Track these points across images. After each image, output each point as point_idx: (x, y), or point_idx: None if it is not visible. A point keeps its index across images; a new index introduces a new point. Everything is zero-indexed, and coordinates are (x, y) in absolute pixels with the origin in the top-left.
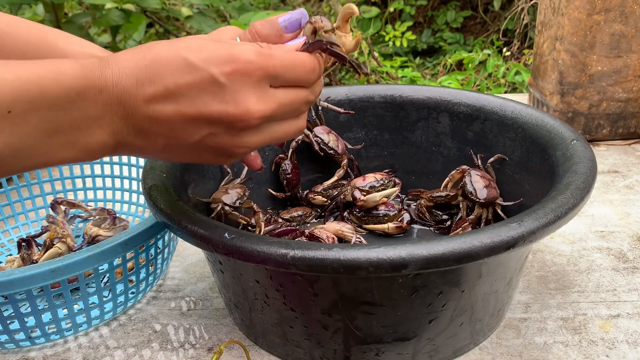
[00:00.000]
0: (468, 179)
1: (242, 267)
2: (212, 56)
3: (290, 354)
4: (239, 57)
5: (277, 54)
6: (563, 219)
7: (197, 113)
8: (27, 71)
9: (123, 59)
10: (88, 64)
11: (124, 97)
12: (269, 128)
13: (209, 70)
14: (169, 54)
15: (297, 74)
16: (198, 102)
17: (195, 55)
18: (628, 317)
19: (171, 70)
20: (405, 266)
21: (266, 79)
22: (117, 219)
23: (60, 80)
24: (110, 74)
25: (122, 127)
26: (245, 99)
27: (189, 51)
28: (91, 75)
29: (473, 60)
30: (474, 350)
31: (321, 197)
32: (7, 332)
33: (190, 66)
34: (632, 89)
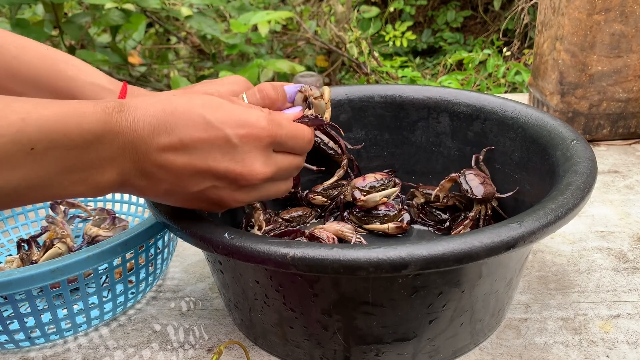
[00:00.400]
0: (462, 178)
1: (242, 267)
2: (228, 117)
3: (290, 354)
4: (253, 123)
5: (284, 124)
6: (563, 219)
7: (206, 167)
8: (53, 112)
9: (142, 107)
10: (109, 108)
11: (139, 142)
12: (264, 187)
13: (224, 130)
14: (188, 109)
15: (297, 143)
16: (209, 157)
17: (213, 115)
18: (628, 318)
19: (188, 124)
20: (405, 266)
21: (272, 145)
22: (117, 219)
23: (82, 123)
24: (129, 119)
25: (130, 169)
26: (253, 160)
27: (207, 109)
28: (111, 120)
29: (473, 60)
30: (474, 351)
31: (321, 197)
32: (6, 332)
33: (208, 124)
34: (632, 89)
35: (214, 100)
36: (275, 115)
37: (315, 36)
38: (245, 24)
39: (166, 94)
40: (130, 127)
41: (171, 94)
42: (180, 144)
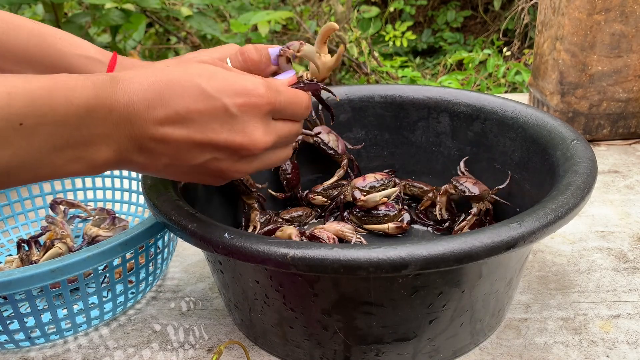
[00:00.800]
0: (456, 184)
1: (242, 267)
2: (225, 86)
3: (290, 354)
4: (251, 91)
5: (282, 90)
6: (563, 219)
7: (205, 139)
8: (39, 86)
9: (136, 80)
10: (99, 82)
11: (134, 117)
12: (265, 156)
13: (222, 99)
14: (183, 80)
15: (296, 109)
16: (207, 129)
17: (209, 84)
18: (628, 318)
19: (184, 95)
20: (405, 266)
21: (272, 112)
22: (117, 219)
23: (71, 97)
24: (122, 94)
25: (127, 145)
26: (253, 130)
27: (203, 79)
28: (102, 94)
29: (473, 60)
30: (474, 351)
31: (321, 197)
32: (6, 332)
33: (204, 94)
34: (633, 88)
35: (209, 69)
36: (272, 81)
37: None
38: (245, 24)
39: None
40: (124, 102)
41: (165, 64)
42: (177, 116)
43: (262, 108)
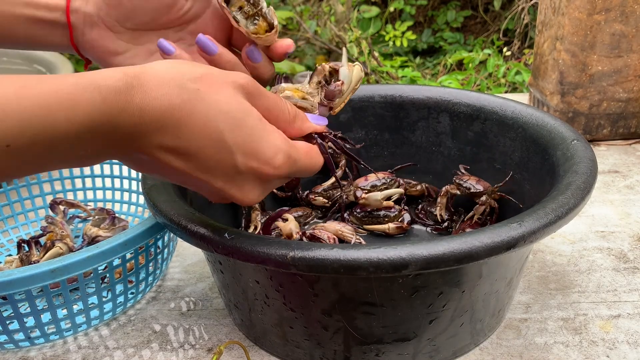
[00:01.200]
0: (459, 181)
1: (242, 267)
2: (244, 142)
3: (290, 355)
4: (267, 159)
5: (300, 161)
6: (564, 219)
7: (202, 178)
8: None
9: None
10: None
11: (139, 137)
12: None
13: (235, 155)
14: (207, 119)
15: (303, 174)
16: (209, 172)
17: (230, 135)
18: (629, 318)
19: (201, 136)
20: (405, 266)
21: (277, 181)
22: (117, 219)
23: (71, 117)
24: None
25: (122, 156)
26: (251, 190)
27: (227, 126)
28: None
29: (473, 60)
30: (474, 351)
31: (322, 199)
32: (6, 332)
33: (221, 143)
34: (633, 88)
35: (237, 115)
36: (295, 150)
37: (315, 36)
38: None
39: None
40: (134, 120)
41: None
42: (185, 151)
43: (269, 177)
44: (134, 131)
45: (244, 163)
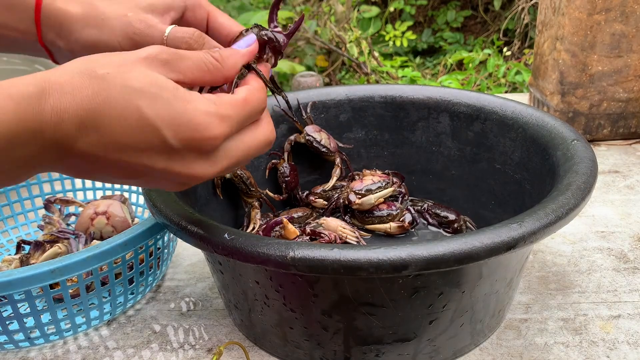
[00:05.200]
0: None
1: (242, 267)
2: (167, 113)
3: (290, 355)
4: (199, 127)
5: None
6: (564, 219)
7: (140, 164)
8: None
9: (68, 91)
10: (24, 99)
11: (63, 140)
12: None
13: (161, 130)
14: (122, 100)
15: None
16: (143, 156)
17: (150, 109)
18: (629, 318)
19: (121, 119)
20: (405, 267)
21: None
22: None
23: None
24: (50, 112)
25: (52, 163)
26: (195, 164)
27: (144, 101)
28: (26, 116)
29: (473, 60)
30: (474, 351)
31: (322, 200)
32: (6, 332)
33: (142, 120)
34: (633, 88)
35: (152, 88)
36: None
37: (315, 36)
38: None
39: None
40: (52, 122)
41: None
42: (111, 142)
43: (208, 143)
44: (56, 135)
45: (174, 136)
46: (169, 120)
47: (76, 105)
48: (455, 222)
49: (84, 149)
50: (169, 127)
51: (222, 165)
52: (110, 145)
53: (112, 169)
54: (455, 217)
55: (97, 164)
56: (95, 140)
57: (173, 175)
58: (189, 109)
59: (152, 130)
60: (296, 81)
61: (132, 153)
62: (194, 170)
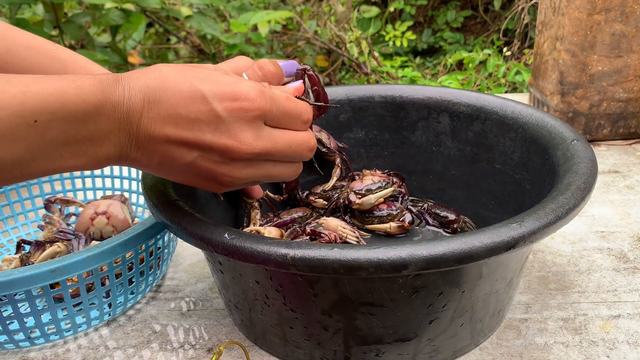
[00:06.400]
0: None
1: (242, 267)
2: (216, 88)
3: (290, 355)
4: (240, 95)
5: (278, 99)
6: (564, 219)
7: (192, 137)
8: (50, 85)
9: (134, 76)
10: (104, 80)
11: (132, 113)
12: (262, 165)
13: (211, 102)
14: (178, 80)
15: (292, 120)
16: (194, 128)
17: (201, 84)
18: (629, 318)
19: (176, 94)
20: (405, 267)
21: (262, 118)
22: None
23: (80, 95)
24: (122, 90)
25: (126, 141)
26: (240, 132)
27: (196, 80)
28: (108, 90)
29: (473, 60)
30: (474, 351)
31: (322, 201)
32: (6, 332)
33: (196, 95)
34: (633, 88)
35: (204, 72)
36: (270, 89)
37: (315, 36)
38: (245, 23)
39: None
40: (125, 99)
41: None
42: (168, 114)
43: (250, 112)
44: (127, 109)
45: (222, 106)
46: (215, 90)
47: (142, 85)
48: (455, 222)
49: (146, 125)
50: (215, 95)
51: (265, 143)
52: (168, 118)
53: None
54: (455, 217)
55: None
56: (155, 113)
57: (220, 148)
58: (234, 82)
59: (201, 99)
60: None
61: (186, 125)
62: (239, 141)
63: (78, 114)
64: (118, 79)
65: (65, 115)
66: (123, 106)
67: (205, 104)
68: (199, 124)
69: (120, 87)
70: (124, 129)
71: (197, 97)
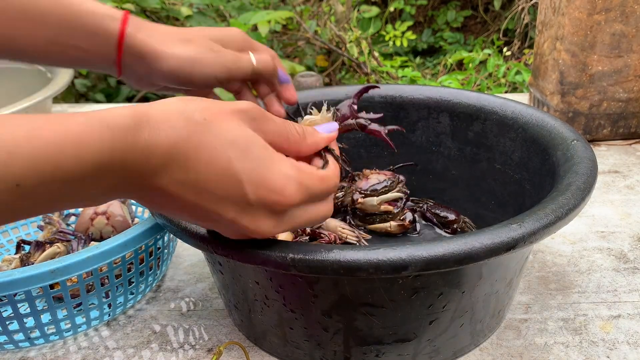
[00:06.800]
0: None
1: (242, 268)
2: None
3: (290, 355)
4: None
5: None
6: (564, 219)
7: (212, 210)
8: (46, 143)
9: (160, 126)
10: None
11: (148, 172)
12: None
13: (244, 186)
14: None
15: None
16: (219, 204)
17: (239, 163)
18: (629, 318)
19: (209, 169)
20: (405, 267)
21: (291, 209)
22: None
23: (81, 154)
24: (143, 145)
25: (131, 192)
26: (262, 222)
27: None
28: (119, 146)
29: (473, 60)
30: (474, 351)
31: None
32: (6, 332)
33: (230, 171)
34: (633, 88)
35: (244, 143)
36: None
37: (315, 36)
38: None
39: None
40: (143, 156)
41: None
42: (194, 183)
43: (281, 207)
44: (143, 168)
45: (254, 192)
46: (253, 176)
47: (169, 144)
48: (455, 222)
49: (164, 185)
50: (250, 182)
51: (284, 227)
52: (191, 187)
53: (184, 209)
54: (455, 217)
55: (171, 201)
56: (179, 178)
57: (238, 226)
58: (273, 169)
59: (235, 182)
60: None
61: (209, 198)
62: (258, 227)
63: (74, 175)
64: (139, 127)
65: (57, 178)
66: (137, 164)
67: (239, 187)
68: (224, 202)
69: (141, 141)
70: (130, 184)
71: (232, 179)
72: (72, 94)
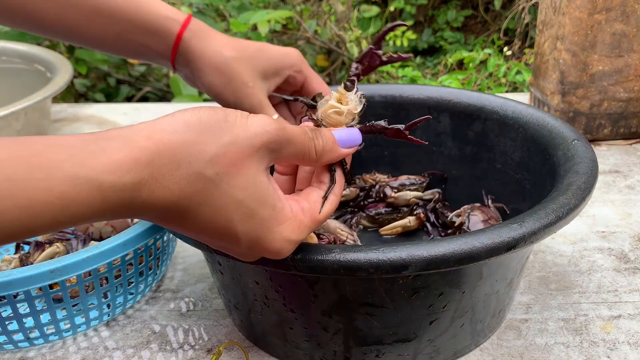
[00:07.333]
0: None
1: (242, 268)
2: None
3: (290, 355)
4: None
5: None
6: (564, 219)
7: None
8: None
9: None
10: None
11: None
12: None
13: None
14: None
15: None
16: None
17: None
18: (629, 318)
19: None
20: (405, 267)
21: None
22: None
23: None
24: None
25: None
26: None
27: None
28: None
29: (474, 60)
30: (474, 352)
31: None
32: (5, 332)
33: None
34: (634, 88)
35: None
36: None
37: (315, 35)
38: (245, 23)
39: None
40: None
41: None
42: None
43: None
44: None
45: (248, 247)
46: (252, 236)
47: (170, 201)
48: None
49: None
50: (249, 241)
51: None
52: (187, 230)
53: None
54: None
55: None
56: (175, 225)
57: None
58: (274, 232)
59: (233, 238)
60: None
61: (205, 238)
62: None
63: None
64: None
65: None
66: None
67: (235, 242)
68: (218, 244)
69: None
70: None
71: (229, 234)
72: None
